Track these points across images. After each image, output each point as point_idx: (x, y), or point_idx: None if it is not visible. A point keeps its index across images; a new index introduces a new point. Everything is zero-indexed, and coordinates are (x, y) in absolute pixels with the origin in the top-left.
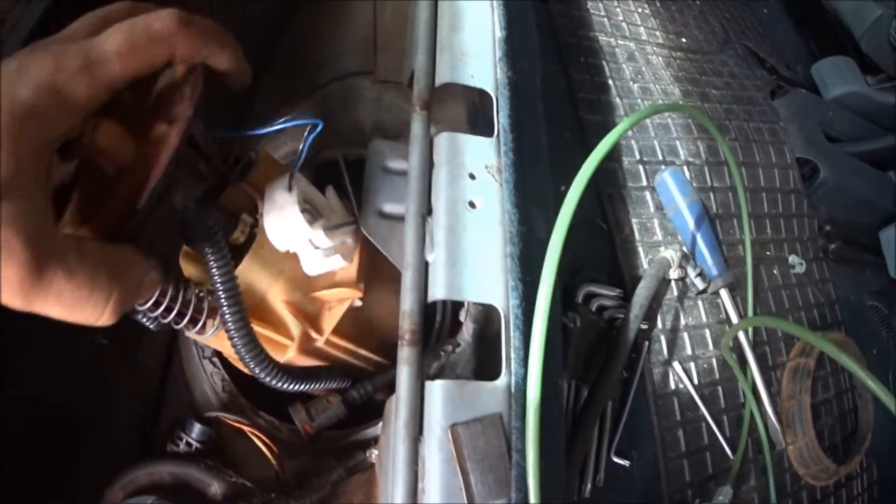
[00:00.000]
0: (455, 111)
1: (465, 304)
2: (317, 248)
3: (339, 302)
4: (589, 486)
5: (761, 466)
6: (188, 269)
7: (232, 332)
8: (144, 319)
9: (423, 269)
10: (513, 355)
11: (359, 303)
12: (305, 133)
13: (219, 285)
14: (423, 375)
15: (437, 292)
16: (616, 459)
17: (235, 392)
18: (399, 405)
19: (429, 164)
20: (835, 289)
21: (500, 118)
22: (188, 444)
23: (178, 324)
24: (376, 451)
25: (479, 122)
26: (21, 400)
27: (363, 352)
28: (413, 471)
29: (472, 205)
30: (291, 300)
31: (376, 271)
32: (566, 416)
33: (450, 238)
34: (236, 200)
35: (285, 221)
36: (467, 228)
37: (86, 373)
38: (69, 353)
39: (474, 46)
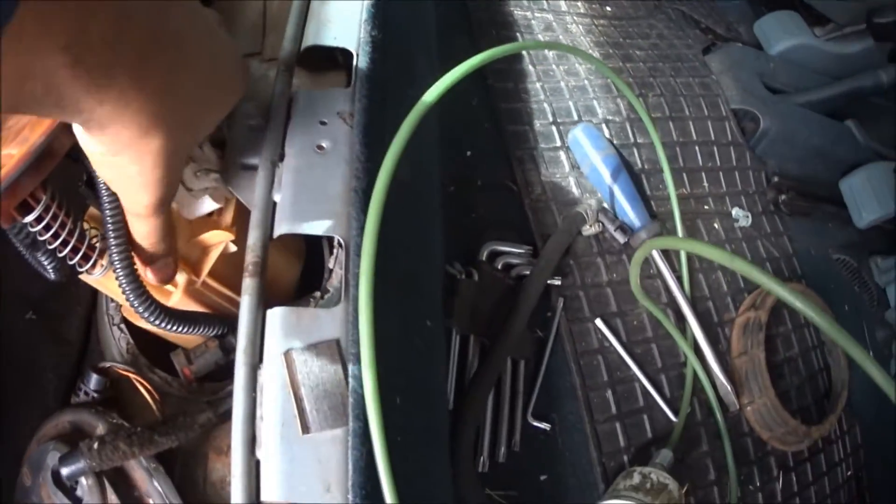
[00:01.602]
0: (317, 71)
1: (335, 252)
2: (188, 188)
3: (214, 245)
4: (503, 449)
5: (714, 431)
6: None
7: (118, 269)
8: (45, 258)
9: (271, 208)
10: (351, 281)
11: (233, 247)
12: None
13: (108, 220)
14: (264, 304)
15: (282, 227)
16: (533, 422)
17: (137, 352)
18: (240, 333)
19: (285, 118)
20: (791, 242)
21: (358, 70)
22: (86, 393)
23: (71, 259)
24: None
25: (338, 78)
26: None
27: (238, 297)
28: (252, 398)
29: (320, 147)
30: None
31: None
32: (466, 369)
33: (295, 178)
34: None
35: None
36: (314, 168)
37: (16, 346)
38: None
39: (341, 14)
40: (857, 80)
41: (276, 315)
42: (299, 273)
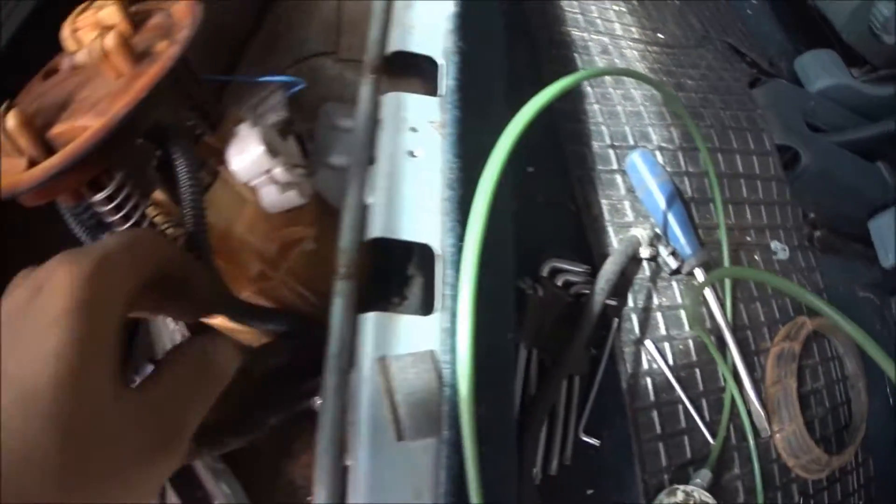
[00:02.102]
0: (403, 76)
1: (413, 259)
2: (275, 181)
3: (294, 242)
4: (555, 462)
5: (746, 455)
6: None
7: (193, 247)
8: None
9: (362, 210)
10: (447, 292)
11: (312, 244)
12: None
13: (187, 199)
14: (355, 308)
15: (374, 231)
16: (585, 438)
17: None
18: (331, 336)
19: (374, 121)
20: (822, 278)
21: (447, 80)
22: None
23: None
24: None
25: (425, 86)
26: None
27: (312, 298)
28: (341, 404)
29: (412, 154)
30: (249, 238)
31: (330, 224)
32: (527, 383)
33: (388, 183)
34: (205, 150)
35: (247, 150)
36: (406, 175)
37: None
38: None
39: (425, 20)
40: (890, 123)
41: (370, 320)
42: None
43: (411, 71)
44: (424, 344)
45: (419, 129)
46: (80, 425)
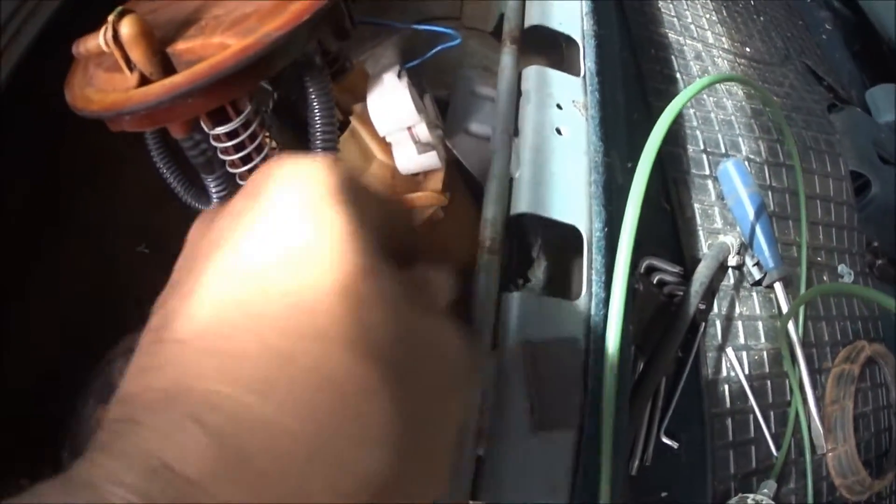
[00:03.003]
0: (543, 52)
1: (538, 241)
2: (416, 140)
3: (422, 207)
4: (637, 462)
5: (802, 469)
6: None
7: None
8: (215, 184)
9: (508, 182)
10: (594, 278)
11: (441, 213)
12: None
13: (319, 143)
14: (500, 285)
15: (522, 206)
16: (665, 440)
17: None
18: (474, 313)
19: (516, 92)
20: (878, 306)
21: (587, 63)
22: None
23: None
24: None
25: (564, 64)
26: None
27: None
28: (481, 386)
29: (558, 131)
30: None
31: (456, 194)
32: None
33: (536, 157)
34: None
35: (393, 103)
36: (554, 152)
37: (123, 277)
38: (112, 258)
39: None
40: None
41: (515, 300)
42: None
43: (541, 47)
44: (569, 329)
45: (564, 106)
46: None
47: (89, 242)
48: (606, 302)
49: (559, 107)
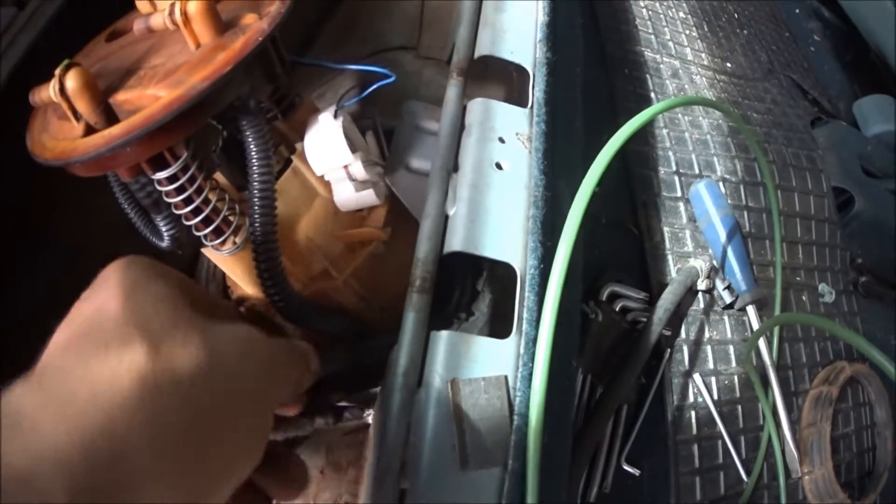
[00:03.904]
0: (491, 82)
1: (484, 274)
2: (352, 178)
3: (362, 244)
4: (595, 489)
5: (775, 494)
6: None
7: (259, 240)
8: (163, 223)
9: (443, 220)
10: (525, 315)
11: (381, 248)
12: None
13: (256, 185)
14: (428, 324)
15: (454, 244)
16: (626, 467)
17: None
18: (401, 351)
19: (459, 126)
20: (862, 323)
21: (535, 92)
22: None
23: (200, 230)
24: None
25: (513, 94)
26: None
27: (374, 305)
28: (405, 422)
29: (498, 166)
30: (315, 235)
31: (399, 229)
32: (578, 407)
33: (473, 194)
34: (275, 136)
35: (327, 143)
36: (491, 187)
37: None
38: (86, 281)
39: (516, 26)
40: None
41: (443, 339)
42: None
43: (494, 75)
44: (498, 368)
45: (506, 139)
46: None
47: (62, 264)
48: (535, 340)
49: (501, 140)
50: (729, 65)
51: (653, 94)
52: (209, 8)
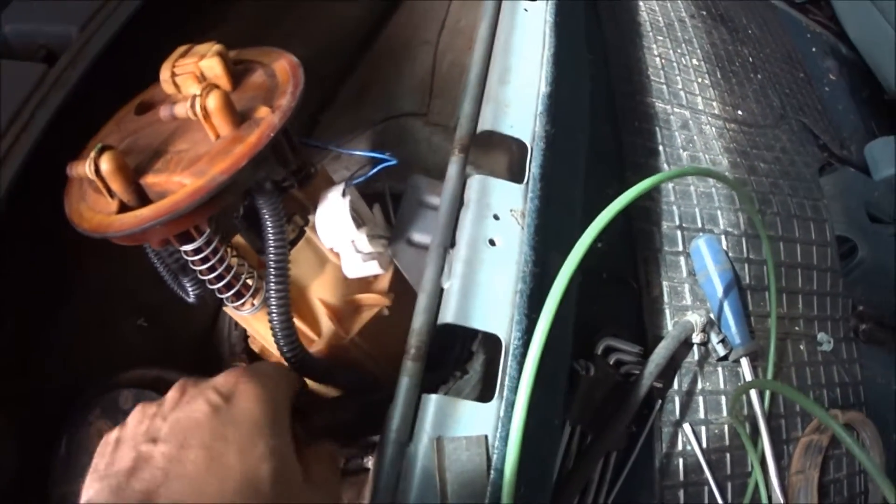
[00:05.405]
0: (493, 158)
1: (479, 336)
2: (358, 251)
3: (369, 307)
4: None
5: None
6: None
7: (275, 313)
8: (190, 285)
9: (438, 294)
10: (507, 383)
11: (386, 312)
12: (371, 163)
13: (272, 257)
14: (420, 388)
15: (448, 316)
16: None
17: None
18: (395, 411)
19: (459, 202)
20: (862, 370)
21: (532, 167)
22: None
23: (222, 293)
24: (373, 458)
25: (513, 169)
26: (62, 356)
27: (380, 360)
28: (396, 473)
29: (492, 242)
30: (326, 298)
31: (403, 293)
32: (565, 458)
33: (466, 270)
34: (291, 204)
35: (335, 219)
36: (484, 263)
37: (122, 351)
38: (114, 327)
39: (518, 100)
40: None
41: (432, 401)
42: None
43: (499, 144)
44: (480, 428)
45: (501, 216)
46: None
47: (92, 304)
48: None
49: (496, 217)
50: (740, 112)
51: (661, 147)
52: (226, 104)
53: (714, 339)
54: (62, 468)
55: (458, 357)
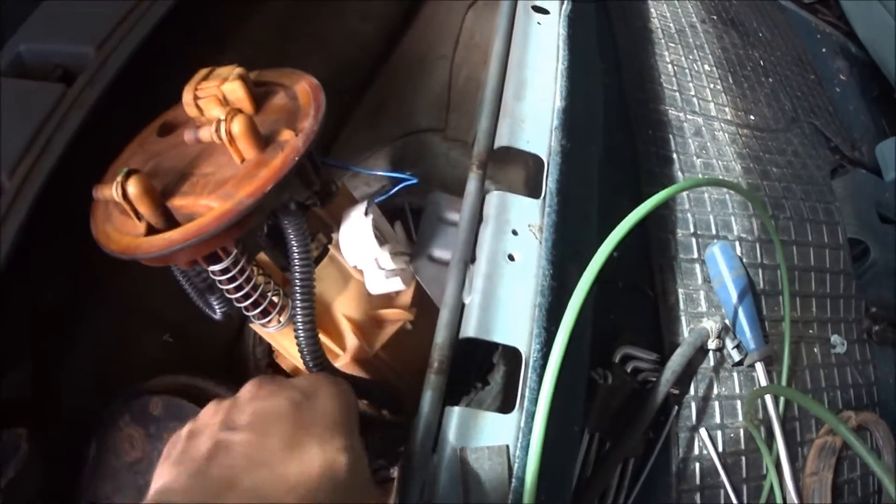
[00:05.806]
0: (510, 172)
1: (500, 348)
2: (381, 268)
3: (392, 322)
4: None
5: None
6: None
7: (301, 330)
8: (217, 303)
9: (460, 309)
10: (527, 394)
11: (409, 326)
12: (392, 181)
13: (297, 276)
14: (444, 401)
15: (469, 330)
16: None
17: None
18: (420, 423)
19: (478, 218)
20: (875, 370)
21: (549, 182)
22: None
23: (249, 311)
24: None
25: (530, 184)
26: (83, 374)
27: (404, 374)
28: (421, 481)
29: (511, 258)
30: (350, 314)
31: (425, 308)
32: (584, 464)
33: (486, 285)
34: (314, 221)
35: (358, 238)
36: (504, 278)
37: (146, 366)
38: (137, 343)
39: (534, 114)
40: None
41: (455, 413)
42: None
43: (516, 158)
44: (501, 439)
45: (519, 231)
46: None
47: (114, 319)
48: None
49: (514, 232)
50: (752, 117)
51: (675, 155)
52: (251, 129)
53: (729, 344)
54: (90, 473)
55: (478, 373)
